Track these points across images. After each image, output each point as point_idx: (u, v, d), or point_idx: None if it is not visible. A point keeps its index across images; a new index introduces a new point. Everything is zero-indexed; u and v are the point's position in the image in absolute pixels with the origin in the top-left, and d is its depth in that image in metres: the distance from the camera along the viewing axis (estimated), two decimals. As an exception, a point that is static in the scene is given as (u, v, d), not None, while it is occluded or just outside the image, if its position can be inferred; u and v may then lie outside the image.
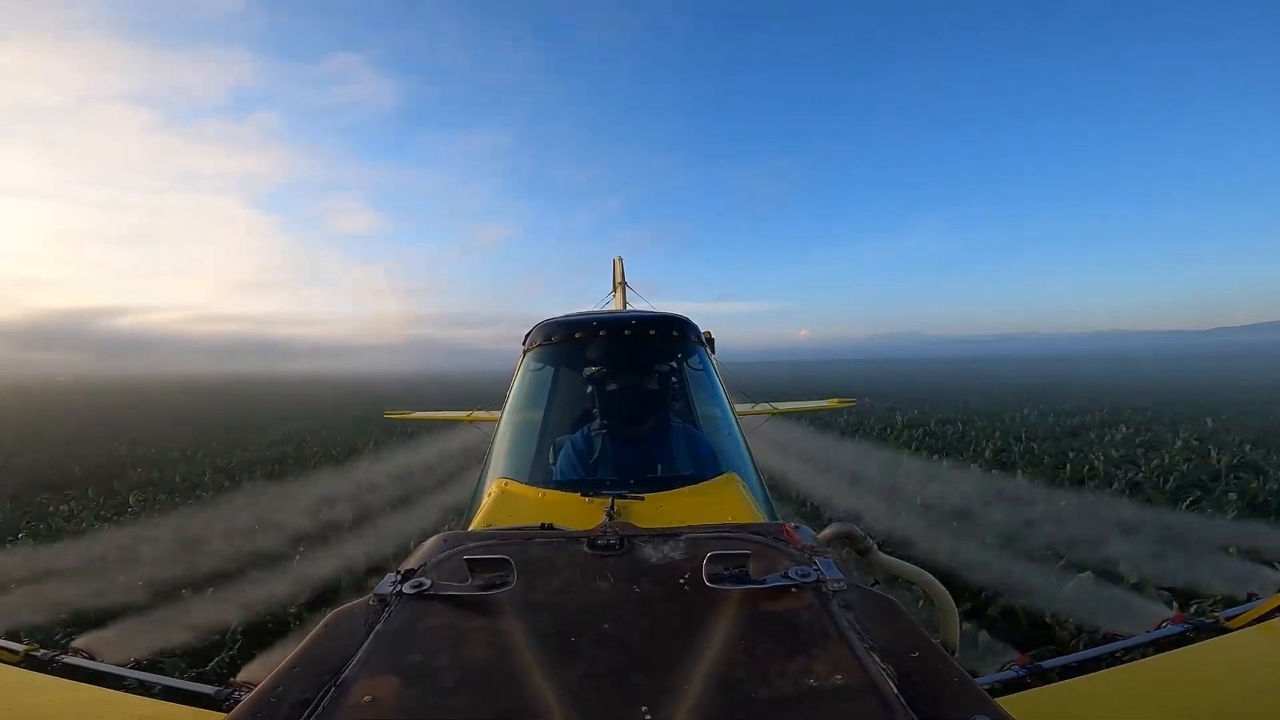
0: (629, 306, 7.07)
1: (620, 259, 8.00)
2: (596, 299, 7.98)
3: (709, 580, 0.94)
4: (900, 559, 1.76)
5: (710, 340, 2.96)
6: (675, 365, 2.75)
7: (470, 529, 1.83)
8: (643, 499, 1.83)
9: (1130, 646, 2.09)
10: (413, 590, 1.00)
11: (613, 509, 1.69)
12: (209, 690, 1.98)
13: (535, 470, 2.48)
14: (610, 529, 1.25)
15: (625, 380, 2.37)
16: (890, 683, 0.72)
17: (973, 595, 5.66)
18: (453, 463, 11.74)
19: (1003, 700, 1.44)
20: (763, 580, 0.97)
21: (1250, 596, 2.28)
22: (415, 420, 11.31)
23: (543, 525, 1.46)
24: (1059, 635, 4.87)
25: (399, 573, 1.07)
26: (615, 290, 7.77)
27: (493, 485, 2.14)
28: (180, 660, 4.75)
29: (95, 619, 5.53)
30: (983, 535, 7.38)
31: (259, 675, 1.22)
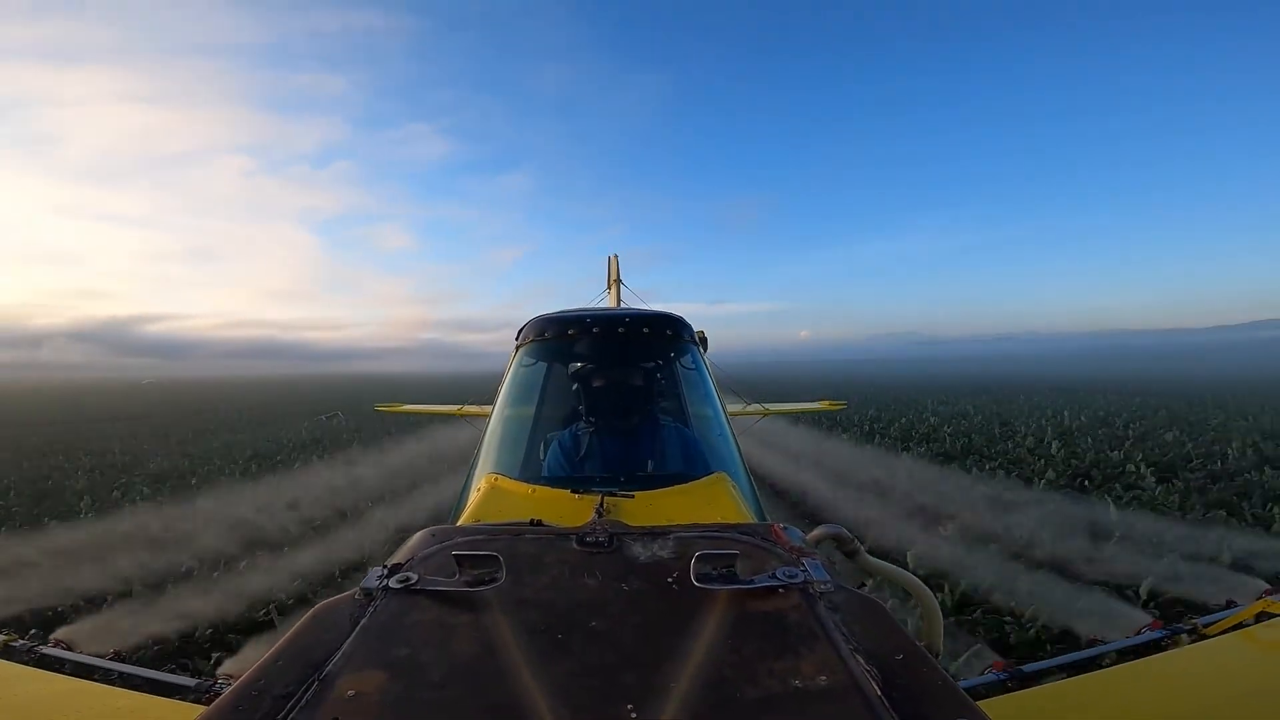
0: (623, 305, 7.04)
1: (615, 256, 7.95)
2: (592, 298, 7.95)
3: (697, 579, 0.95)
4: (888, 562, 1.76)
5: (703, 340, 2.95)
6: (668, 364, 2.75)
7: (459, 523, 1.82)
8: (632, 496, 1.82)
9: (1110, 652, 2.13)
10: (399, 585, 0.99)
11: (602, 506, 1.68)
12: (190, 683, 1.95)
13: (525, 466, 2.47)
14: (599, 526, 1.25)
15: (617, 377, 2.36)
16: (874, 685, 0.72)
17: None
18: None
19: (984, 704, 1.45)
20: (750, 580, 0.98)
21: (1228, 604, 2.32)
22: (406, 414, 11.34)
23: (532, 521, 1.45)
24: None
25: (385, 567, 1.06)
26: (610, 288, 7.74)
27: (482, 480, 2.12)
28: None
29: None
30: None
31: (240, 669, 1.21)
